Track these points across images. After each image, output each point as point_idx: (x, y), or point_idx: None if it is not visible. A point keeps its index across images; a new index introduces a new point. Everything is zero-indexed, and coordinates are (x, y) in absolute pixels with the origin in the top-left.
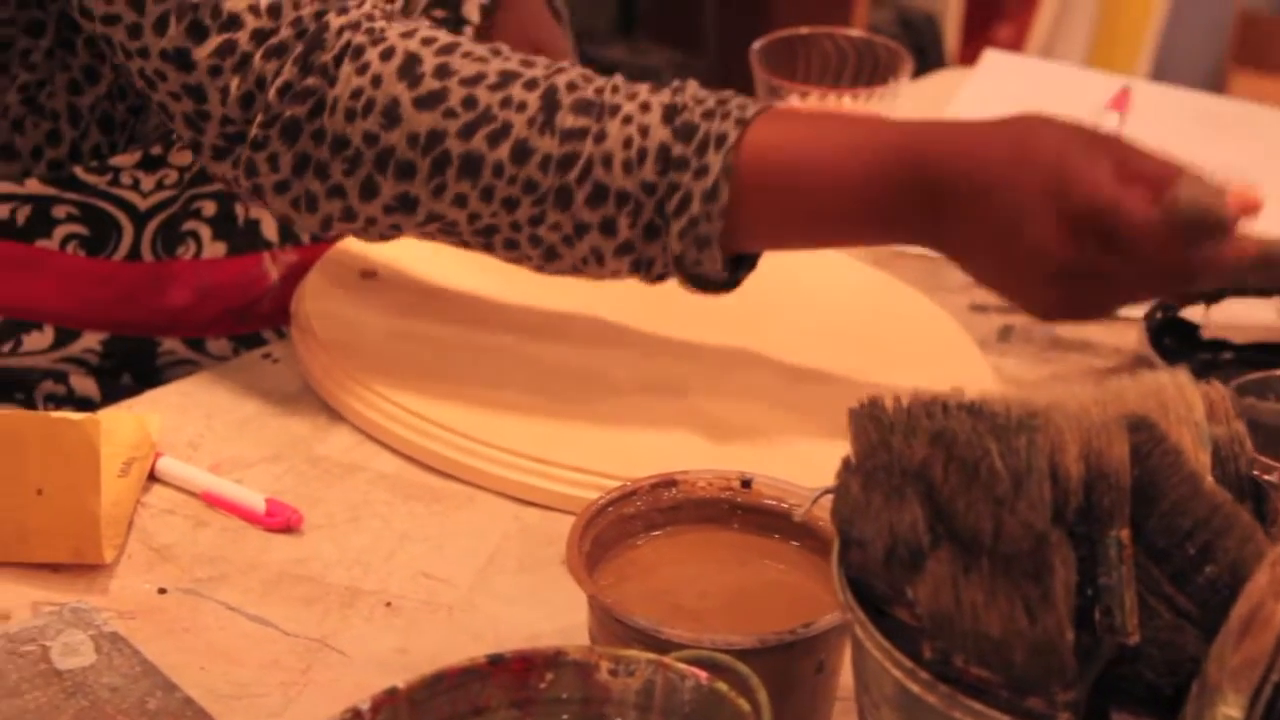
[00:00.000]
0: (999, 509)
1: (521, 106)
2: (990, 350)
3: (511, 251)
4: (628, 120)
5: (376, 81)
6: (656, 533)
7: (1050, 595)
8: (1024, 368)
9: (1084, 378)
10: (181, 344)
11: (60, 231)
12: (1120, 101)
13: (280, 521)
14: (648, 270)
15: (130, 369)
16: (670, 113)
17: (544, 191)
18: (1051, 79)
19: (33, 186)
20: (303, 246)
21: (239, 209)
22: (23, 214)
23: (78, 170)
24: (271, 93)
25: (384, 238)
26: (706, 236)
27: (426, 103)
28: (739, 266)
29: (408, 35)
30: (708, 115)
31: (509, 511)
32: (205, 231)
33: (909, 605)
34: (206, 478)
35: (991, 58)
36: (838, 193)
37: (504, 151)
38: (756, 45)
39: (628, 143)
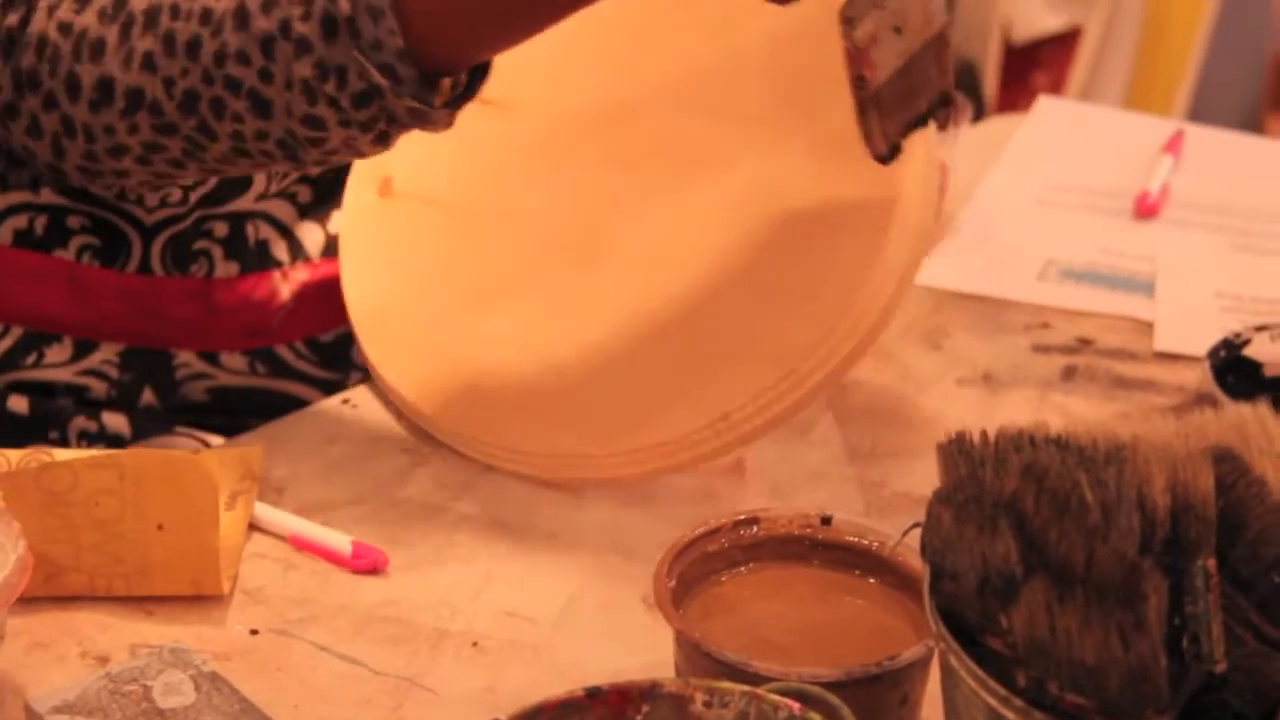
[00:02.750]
0: (1091, 539)
1: None
2: (1055, 390)
3: (222, 122)
4: None
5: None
6: (739, 569)
7: (1144, 622)
8: (1089, 406)
9: (1148, 415)
10: (196, 357)
11: (75, 242)
12: (1174, 145)
13: (367, 564)
14: (338, 80)
15: (148, 382)
16: None
17: (221, 17)
18: (1104, 124)
19: (47, 196)
20: (313, 263)
21: (250, 229)
22: (40, 223)
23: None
24: None
25: (116, 161)
26: (375, 4)
27: None
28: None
29: None
30: None
31: (589, 551)
32: (217, 251)
33: (1002, 634)
34: (294, 521)
35: (1045, 104)
36: None
37: None
38: None
39: None
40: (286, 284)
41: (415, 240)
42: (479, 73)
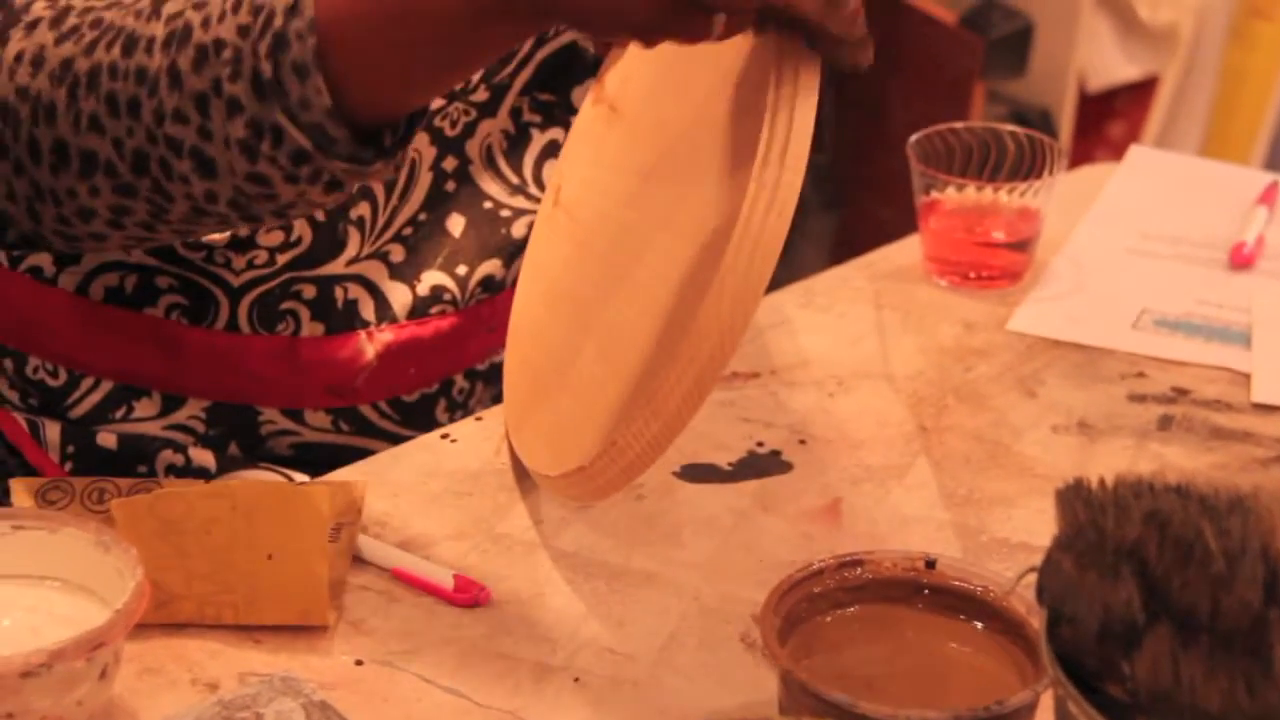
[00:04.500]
0: (1216, 587)
1: (136, 10)
2: (1152, 439)
3: (173, 183)
4: None
5: (29, 32)
6: (843, 611)
7: (1271, 671)
8: (1186, 457)
9: (1247, 466)
10: (281, 414)
11: (164, 301)
12: (1269, 196)
13: (468, 597)
14: (273, 139)
15: (234, 438)
16: None
17: (155, 75)
18: (1197, 174)
19: (138, 256)
20: (399, 324)
21: (339, 291)
22: (130, 283)
23: (176, 245)
24: None
25: (88, 225)
26: (300, 62)
27: (64, 38)
28: (388, 143)
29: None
30: None
31: (688, 591)
32: (304, 312)
33: (1123, 681)
34: (398, 554)
35: (1136, 153)
36: None
37: (116, 51)
38: (912, 139)
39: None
40: (371, 344)
41: (555, 252)
42: (415, 118)
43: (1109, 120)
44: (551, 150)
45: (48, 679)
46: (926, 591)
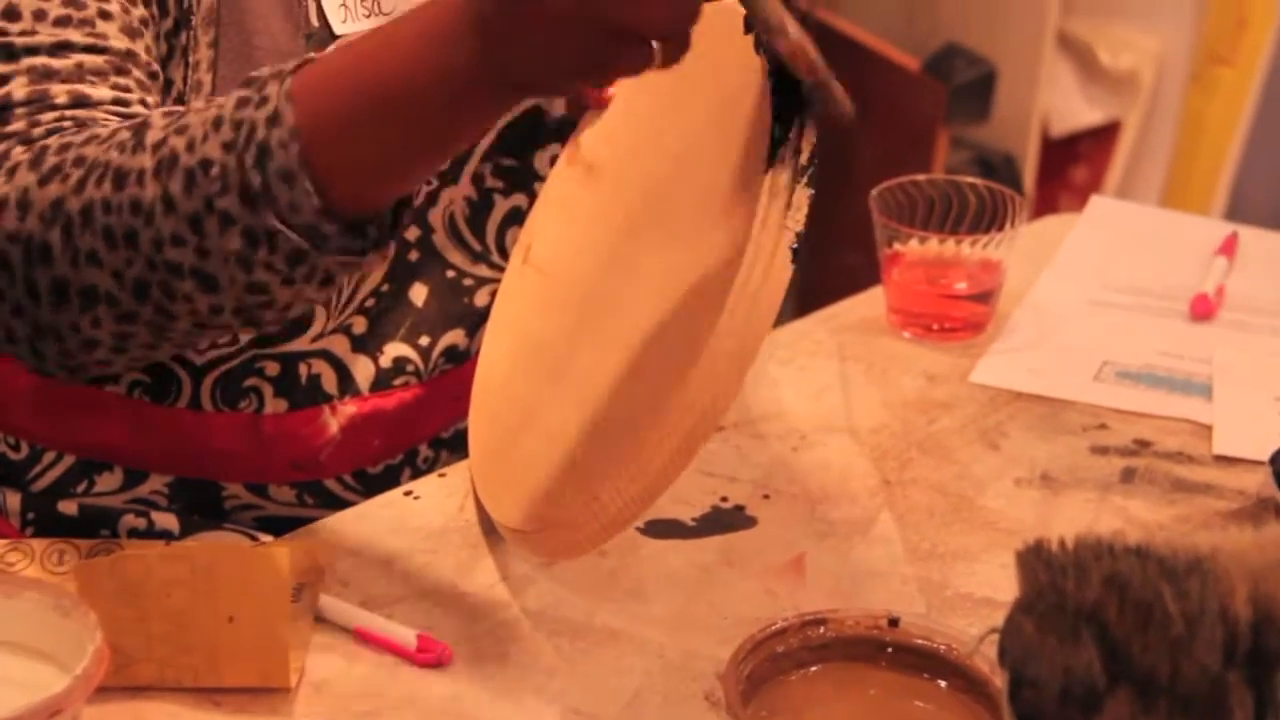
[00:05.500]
0: (1175, 651)
1: (119, 144)
2: (1114, 492)
3: (176, 303)
4: (206, 107)
5: (10, 177)
6: (807, 670)
7: None
8: (1149, 510)
9: (1209, 520)
10: (245, 489)
11: (127, 379)
12: (1229, 247)
13: (432, 657)
14: (267, 245)
15: (198, 511)
16: (248, 79)
17: (149, 204)
18: (1157, 224)
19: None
20: (362, 397)
21: (302, 368)
22: None
23: None
24: None
25: (91, 354)
26: (286, 169)
27: (47, 179)
28: (379, 231)
29: (52, 132)
30: (276, 68)
31: (652, 648)
32: (267, 389)
33: None
34: (360, 614)
35: (1097, 204)
36: (401, 65)
37: (107, 186)
38: (874, 192)
39: (205, 120)
40: (335, 418)
41: (524, 308)
42: (402, 206)
43: (1072, 164)
44: (514, 217)
45: None
46: (890, 650)
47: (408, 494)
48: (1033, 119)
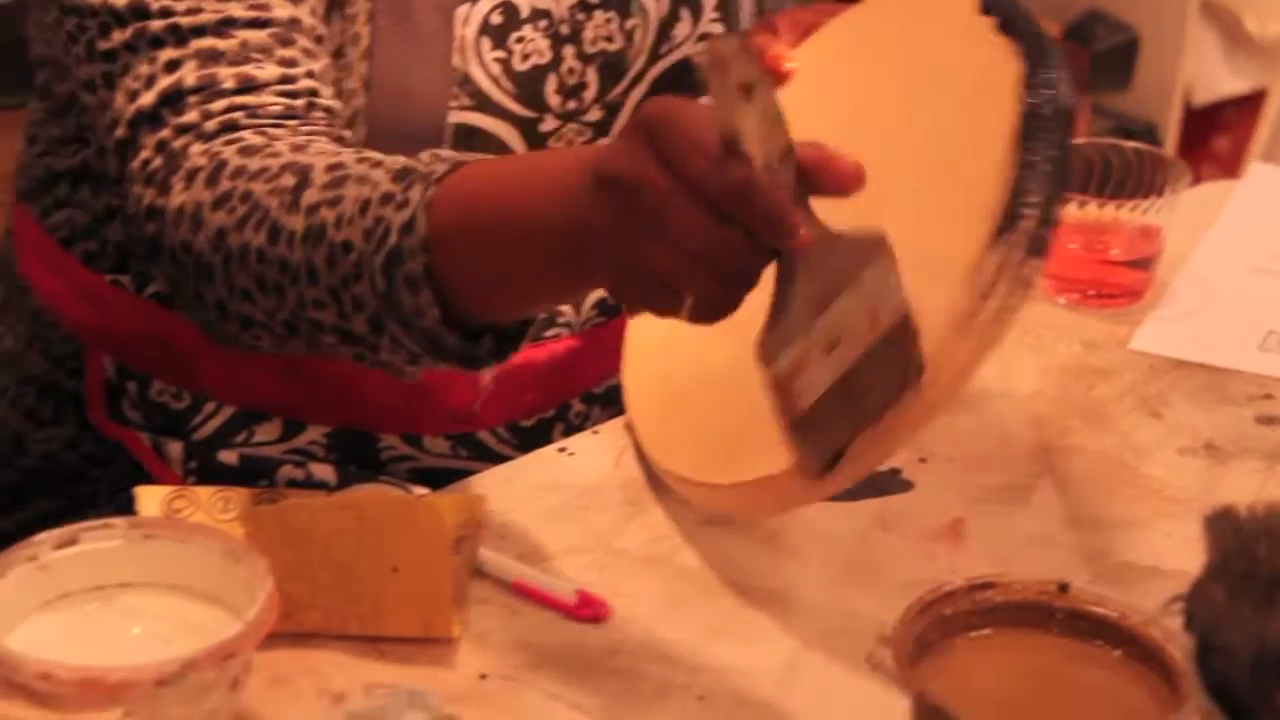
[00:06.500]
0: None
1: (279, 191)
2: None
3: (322, 349)
4: (363, 181)
5: (189, 184)
6: (975, 634)
7: None
8: None
9: None
10: (400, 440)
11: None
12: None
13: (590, 612)
14: (390, 336)
15: (355, 462)
16: (404, 167)
17: (295, 267)
18: None
19: None
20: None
21: None
22: None
23: None
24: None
25: (253, 349)
26: (412, 275)
27: (218, 204)
28: (492, 342)
29: (225, 127)
30: (433, 160)
31: (812, 610)
32: None
33: (1276, 713)
34: (519, 568)
35: (1257, 171)
36: (533, 215)
37: (263, 237)
38: None
39: (357, 199)
40: (489, 369)
41: None
42: (526, 323)
43: (1215, 134)
44: None
45: (181, 688)
46: (1060, 616)
47: (562, 450)
48: (1175, 87)
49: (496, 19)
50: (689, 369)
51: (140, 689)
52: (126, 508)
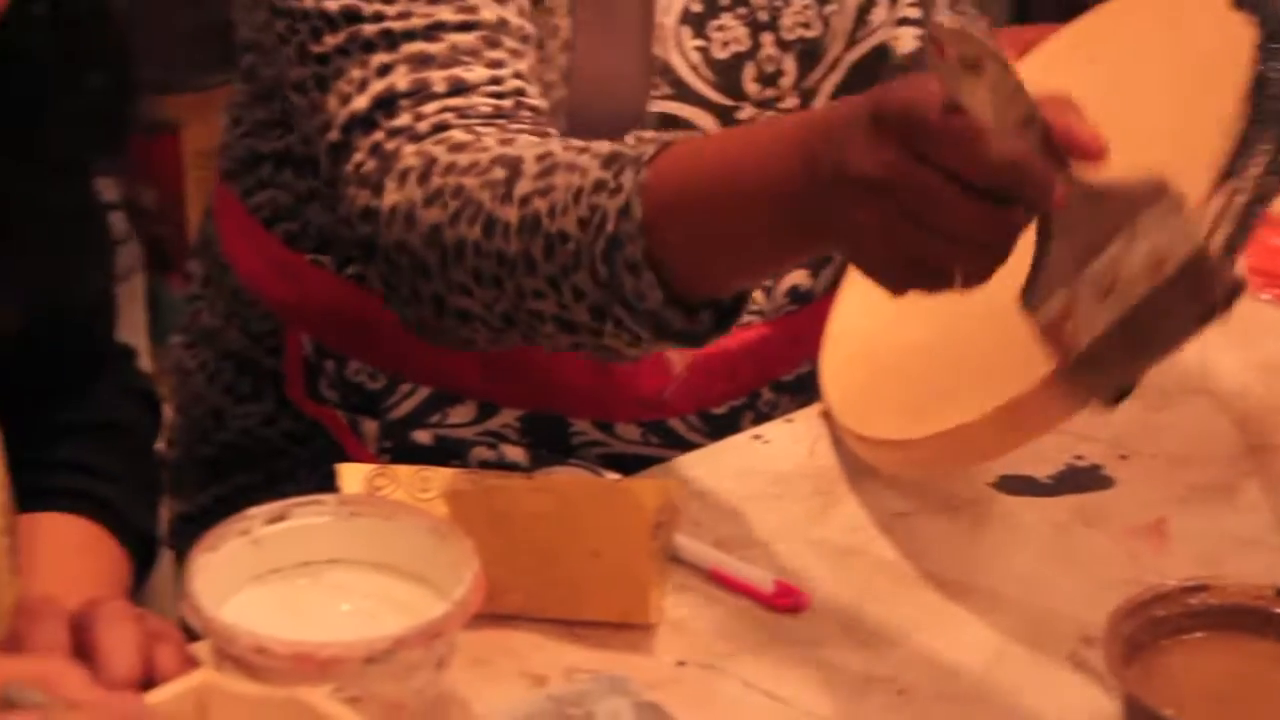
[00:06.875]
0: None
1: (491, 184)
2: None
3: (539, 338)
4: (572, 168)
5: (401, 184)
6: (1187, 636)
7: None
8: None
9: None
10: (591, 426)
11: None
12: None
13: (789, 602)
14: (614, 321)
15: (546, 445)
16: (612, 152)
17: (512, 259)
18: None
19: None
20: None
21: None
22: None
23: None
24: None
25: (468, 345)
26: (632, 259)
27: (431, 201)
28: (712, 316)
29: (437, 127)
30: (639, 142)
31: (1013, 606)
32: None
33: None
34: (716, 555)
35: None
36: (750, 186)
37: (478, 231)
38: None
39: (568, 187)
40: (680, 357)
41: None
42: (743, 296)
43: None
44: None
45: (390, 665)
46: (1277, 621)
47: (756, 437)
48: None
49: (696, 7)
50: (891, 346)
51: (350, 665)
52: (323, 484)
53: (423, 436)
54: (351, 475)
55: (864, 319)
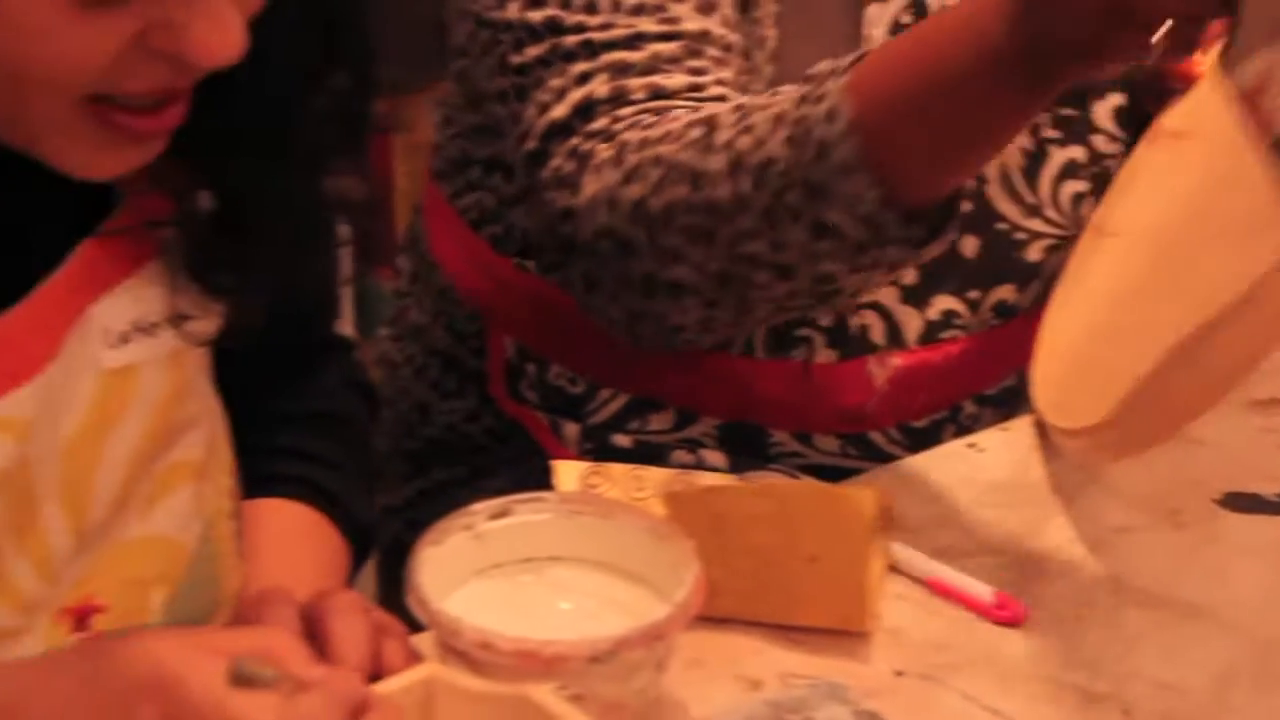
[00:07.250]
0: None
1: (691, 143)
2: None
3: (753, 291)
4: (769, 105)
5: (597, 175)
6: None
7: None
8: None
9: None
10: (790, 437)
11: None
12: None
13: (1008, 615)
14: (832, 237)
15: (744, 454)
16: (807, 77)
17: (724, 204)
18: None
19: None
20: (909, 350)
21: (853, 318)
22: None
23: None
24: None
25: (677, 333)
26: (845, 163)
27: (629, 178)
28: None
29: (630, 126)
30: (833, 64)
31: (1240, 627)
32: (818, 339)
33: None
34: (933, 565)
35: None
36: (946, 48)
37: (684, 188)
38: None
39: (769, 117)
40: (882, 370)
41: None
42: (957, 196)
43: None
44: (1069, 170)
45: (612, 666)
46: None
47: (970, 445)
48: None
49: (906, 19)
50: (1098, 340)
51: (574, 664)
52: (524, 481)
53: (622, 440)
54: (567, 472)
55: (1074, 324)
